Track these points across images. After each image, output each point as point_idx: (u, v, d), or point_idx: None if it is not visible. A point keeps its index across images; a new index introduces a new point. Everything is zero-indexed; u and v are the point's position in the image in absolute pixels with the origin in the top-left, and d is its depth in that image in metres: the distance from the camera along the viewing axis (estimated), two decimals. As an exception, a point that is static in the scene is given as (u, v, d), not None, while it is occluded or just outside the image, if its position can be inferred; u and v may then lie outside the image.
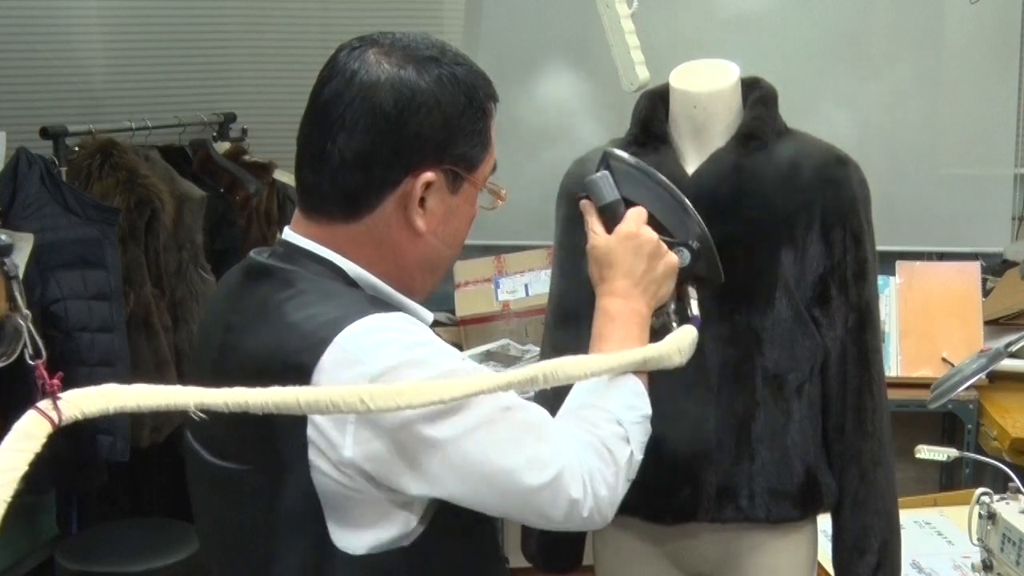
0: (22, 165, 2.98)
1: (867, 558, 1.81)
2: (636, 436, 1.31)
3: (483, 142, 1.27)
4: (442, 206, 1.25)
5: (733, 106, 1.80)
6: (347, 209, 1.23)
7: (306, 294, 1.20)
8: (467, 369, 1.20)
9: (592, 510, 1.23)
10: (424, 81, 1.21)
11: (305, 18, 3.93)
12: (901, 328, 3.24)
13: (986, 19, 3.74)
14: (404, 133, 1.20)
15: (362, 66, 1.21)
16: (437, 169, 1.23)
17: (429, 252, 1.28)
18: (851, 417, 1.80)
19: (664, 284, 1.45)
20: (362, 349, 1.14)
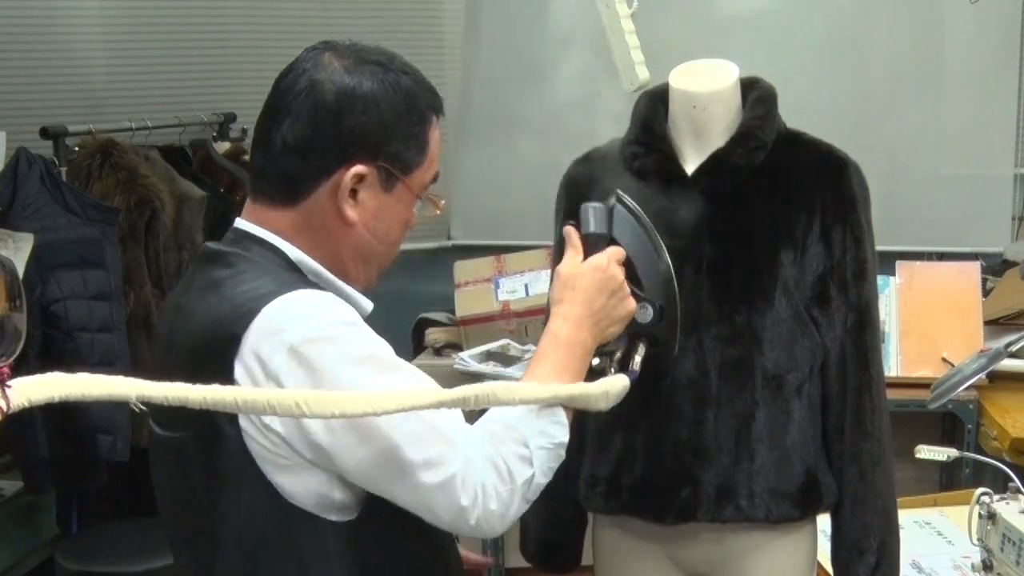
0: (22, 165, 2.98)
1: (866, 558, 1.81)
2: (542, 461, 1.32)
3: (419, 147, 1.35)
4: (374, 201, 1.34)
5: (733, 106, 1.81)
6: (286, 193, 1.33)
7: (244, 273, 1.29)
8: (387, 357, 1.26)
9: (480, 520, 1.27)
10: (367, 81, 1.31)
11: (305, 18, 3.93)
12: (901, 328, 3.24)
13: (986, 19, 3.74)
14: (341, 126, 1.30)
15: (315, 64, 1.32)
16: (371, 165, 1.32)
17: (361, 243, 1.35)
18: (850, 417, 1.80)
19: (615, 325, 1.46)
20: (286, 319, 1.22)
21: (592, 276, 1.45)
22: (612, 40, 2.16)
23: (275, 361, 1.21)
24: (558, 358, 1.40)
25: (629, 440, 1.81)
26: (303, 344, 1.21)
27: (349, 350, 1.23)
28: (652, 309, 1.47)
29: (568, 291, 1.45)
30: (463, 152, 4.13)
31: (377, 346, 1.27)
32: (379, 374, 1.24)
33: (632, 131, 1.85)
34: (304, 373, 1.21)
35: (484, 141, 4.08)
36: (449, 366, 3.29)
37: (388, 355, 1.27)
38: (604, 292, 1.44)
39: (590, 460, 1.87)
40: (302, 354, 1.21)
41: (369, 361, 1.24)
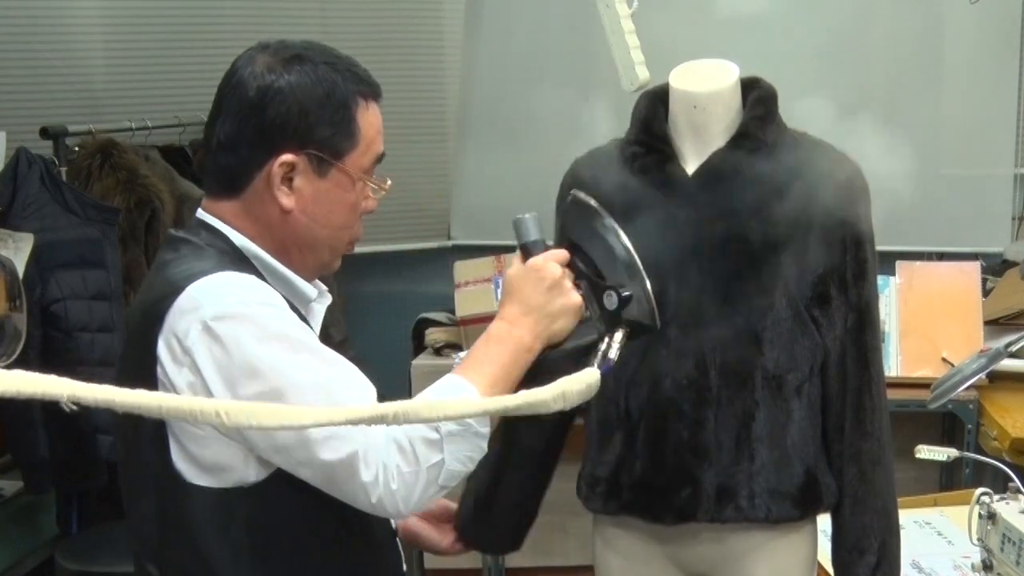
0: (22, 165, 2.98)
1: (866, 558, 1.81)
2: (454, 448, 1.34)
3: (347, 132, 1.40)
4: (310, 187, 1.40)
5: (733, 106, 1.81)
6: (227, 187, 1.41)
7: (185, 257, 1.37)
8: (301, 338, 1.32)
9: (382, 499, 1.31)
10: (285, 74, 1.38)
11: (305, 18, 3.93)
12: (901, 328, 3.24)
13: (986, 19, 3.74)
14: (264, 118, 1.37)
15: (244, 64, 1.41)
16: (298, 153, 1.38)
17: (300, 229, 1.41)
18: (850, 417, 1.80)
19: (560, 320, 1.46)
20: (205, 296, 1.30)
21: (526, 275, 1.48)
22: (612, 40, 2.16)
23: (190, 337, 1.28)
24: (490, 353, 1.42)
25: (629, 440, 1.81)
26: (215, 320, 1.28)
27: (261, 327, 1.29)
28: (616, 295, 1.46)
29: (506, 296, 1.49)
30: (463, 152, 4.13)
31: (293, 327, 1.32)
32: (291, 352, 1.29)
33: (632, 131, 1.85)
34: (217, 348, 1.27)
35: (484, 141, 4.08)
36: (449, 366, 3.27)
37: (304, 337, 1.33)
38: (539, 289, 1.46)
39: (590, 460, 1.87)
40: (213, 330, 1.28)
41: (281, 339, 1.30)
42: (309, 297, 1.46)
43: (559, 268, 1.49)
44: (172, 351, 1.30)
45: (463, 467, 1.36)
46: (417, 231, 4.26)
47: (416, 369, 3.43)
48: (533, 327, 1.45)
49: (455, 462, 1.35)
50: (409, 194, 4.21)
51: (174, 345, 1.29)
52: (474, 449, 1.37)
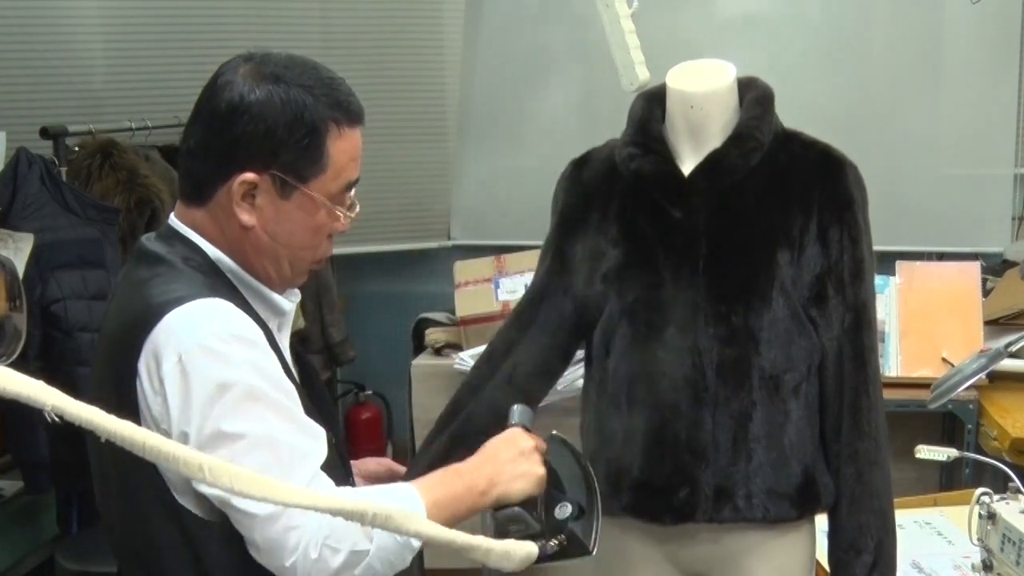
0: (22, 165, 2.98)
1: (863, 557, 1.80)
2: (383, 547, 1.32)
3: (313, 158, 1.38)
4: (271, 207, 1.39)
5: (730, 106, 1.81)
6: (194, 194, 1.41)
7: (160, 276, 1.36)
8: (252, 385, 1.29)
9: (296, 563, 1.28)
10: (257, 93, 1.36)
11: (305, 18, 3.93)
12: (901, 328, 3.24)
13: (986, 19, 3.74)
14: (229, 134, 1.36)
15: (224, 74, 1.39)
16: (261, 173, 1.37)
17: (262, 245, 1.41)
18: (847, 417, 1.80)
19: (520, 480, 1.46)
20: (182, 326, 1.30)
21: (502, 438, 1.50)
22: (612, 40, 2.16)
23: (165, 366, 1.28)
24: (441, 477, 1.43)
25: (628, 441, 1.81)
26: (187, 352, 1.28)
27: (220, 371, 1.28)
28: (570, 507, 1.49)
29: (479, 456, 1.48)
30: (463, 152, 4.13)
31: (251, 372, 1.30)
32: (248, 401, 1.29)
33: (629, 132, 1.85)
34: (183, 384, 1.28)
35: (484, 141, 4.08)
36: (449, 366, 3.29)
37: (257, 382, 1.30)
38: (510, 448, 1.47)
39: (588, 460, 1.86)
40: (184, 363, 1.28)
41: (232, 388, 1.28)
42: (284, 309, 1.46)
43: (532, 442, 1.50)
44: (150, 376, 1.30)
45: (383, 570, 1.34)
46: (417, 231, 4.26)
47: (416, 369, 3.43)
48: (492, 477, 1.44)
49: (379, 562, 1.33)
50: (409, 194, 4.21)
51: (152, 369, 1.30)
52: (400, 562, 1.36)
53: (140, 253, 1.43)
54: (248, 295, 1.42)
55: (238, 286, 1.41)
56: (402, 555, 1.35)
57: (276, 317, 1.46)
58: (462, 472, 1.44)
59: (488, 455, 1.48)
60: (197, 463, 1.04)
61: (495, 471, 1.45)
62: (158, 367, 1.29)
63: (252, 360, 1.31)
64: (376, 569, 1.33)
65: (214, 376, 1.28)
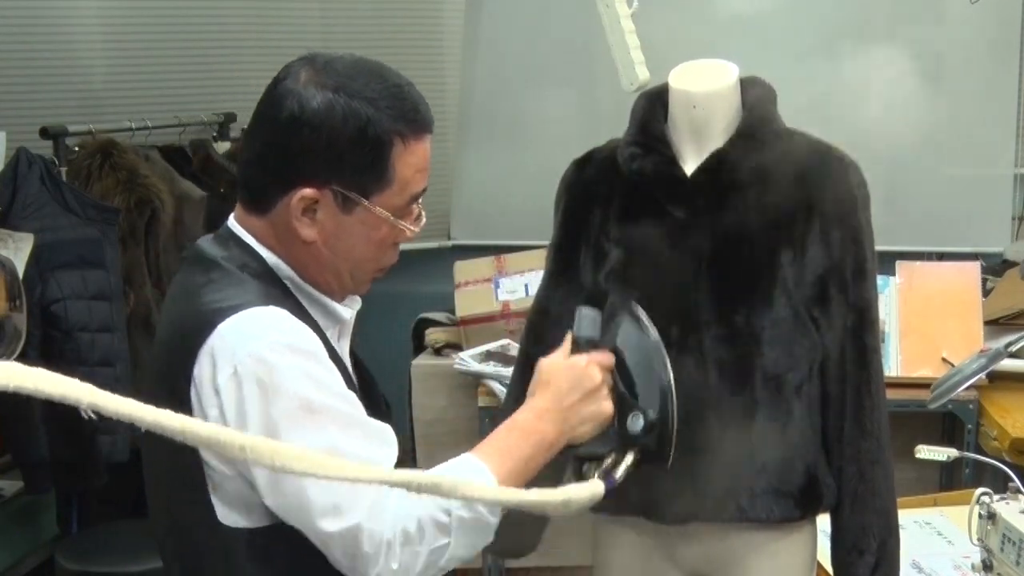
0: (22, 165, 2.98)
1: (866, 557, 1.81)
2: (462, 536, 1.30)
3: (377, 173, 1.32)
4: (332, 222, 1.34)
5: (732, 106, 1.80)
6: (254, 203, 1.36)
7: (215, 282, 1.32)
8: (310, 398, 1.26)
9: (380, 574, 1.27)
10: (318, 105, 1.30)
11: (305, 18, 3.93)
12: (901, 328, 3.24)
13: (986, 19, 3.74)
14: (289, 147, 1.31)
15: (285, 79, 1.33)
16: (322, 188, 1.31)
17: (323, 259, 1.36)
18: (850, 416, 1.80)
19: (586, 424, 1.43)
20: (237, 337, 1.26)
21: (566, 372, 1.43)
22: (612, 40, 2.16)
23: (220, 377, 1.25)
24: (509, 441, 1.38)
25: (629, 440, 1.81)
26: (241, 364, 1.24)
27: (284, 380, 1.25)
28: (644, 419, 1.43)
29: (541, 386, 1.44)
30: (463, 152, 4.13)
31: (307, 384, 1.27)
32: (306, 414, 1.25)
33: (631, 132, 1.85)
34: (236, 393, 1.25)
35: (484, 141, 4.08)
36: (449, 366, 3.28)
37: (312, 394, 1.27)
38: (577, 389, 1.42)
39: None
40: (239, 374, 1.25)
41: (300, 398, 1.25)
42: (343, 318, 1.42)
43: (600, 375, 1.44)
44: (206, 387, 1.27)
45: (467, 554, 1.33)
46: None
47: (416, 369, 3.43)
48: (560, 425, 1.40)
49: (460, 548, 1.31)
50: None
51: (207, 381, 1.26)
52: (482, 539, 1.34)
53: (196, 256, 1.39)
54: (306, 302, 1.38)
55: (296, 293, 1.37)
56: (482, 533, 1.33)
57: (335, 325, 1.42)
58: (527, 430, 1.39)
59: (554, 396, 1.41)
60: (237, 443, 1.04)
61: (562, 420, 1.40)
62: (213, 377, 1.26)
63: (307, 371, 1.27)
64: (460, 555, 1.32)
65: (268, 389, 1.24)
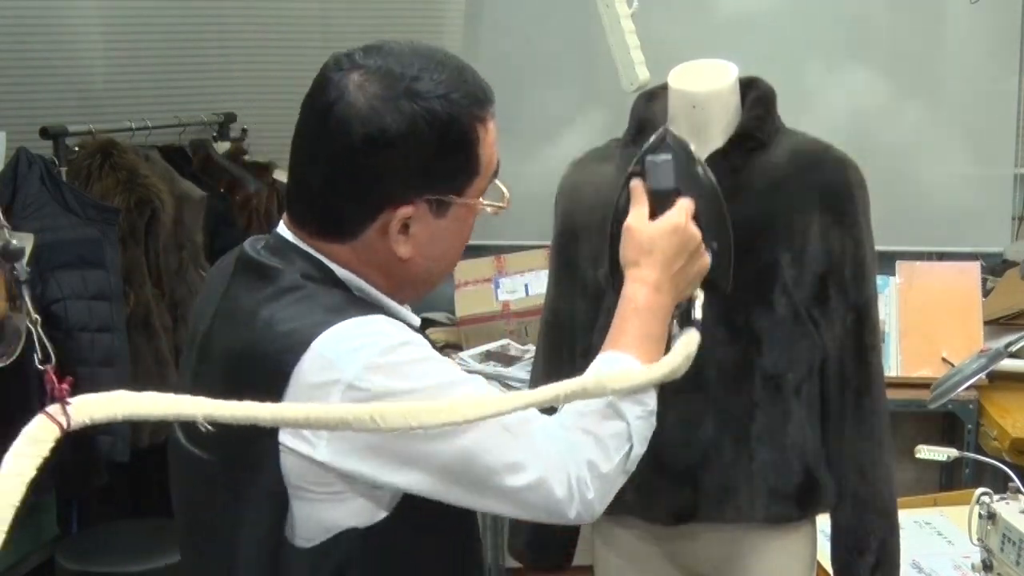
0: (22, 165, 2.98)
1: (866, 557, 1.81)
2: (639, 431, 1.29)
3: (467, 168, 1.26)
4: (427, 231, 1.25)
5: (731, 106, 1.80)
6: (332, 232, 1.25)
7: (288, 294, 1.21)
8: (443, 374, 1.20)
9: (579, 511, 1.24)
10: (397, 118, 1.19)
11: (305, 18, 3.93)
12: (901, 328, 3.24)
13: (986, 19, 3.74)
14: (371, 170, 1.20)
15: (340, 96, 1.20)
16: (416, 201, 1.23)
17: (419, 272, 1.29)
18: (850, 417, 1.80)
19: (692, 285, 1.40)
20: (338, 354, 1.15)
21: (671, 239, 1.37)
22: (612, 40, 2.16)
23: (332, 400, 1.15)
24: (641, 324, 1.33)
25: (629, 440, 1.81)
26: (357, 379, 1.14)
27: (401, 382, 1.16)
28: (712, 253, 1.41)
29: (646, 255, 1.37)
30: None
31: (431, 364, 1.20)
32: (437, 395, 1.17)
33: (630, 132, 1.85)
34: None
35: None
36: (449, 366, 3.28)
37: (444, 371, 1.21)
38: (683, 254, 1.37)
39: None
40: (359, 388, 1.14)
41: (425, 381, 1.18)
42: (414, 325, 1.32)
43: (698, 235, 1.38)
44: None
45: (643, 448, 1.30)
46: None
47: (416, 369, 3.42)
48: (673, 291, 1.36)
49: (640, 446, 1.29)
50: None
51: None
52: (650, 428, 1.32)
53: (248, 267, 1.28)
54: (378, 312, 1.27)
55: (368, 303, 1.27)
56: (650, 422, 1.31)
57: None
58: (652, 307, 1.34)
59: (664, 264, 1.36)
60: (367, 415, 1.02)
61: (674, 287, 1.37)
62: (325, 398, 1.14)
63: (422, 358, 1.20)
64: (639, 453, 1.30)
65: (396, 386, 1.15)
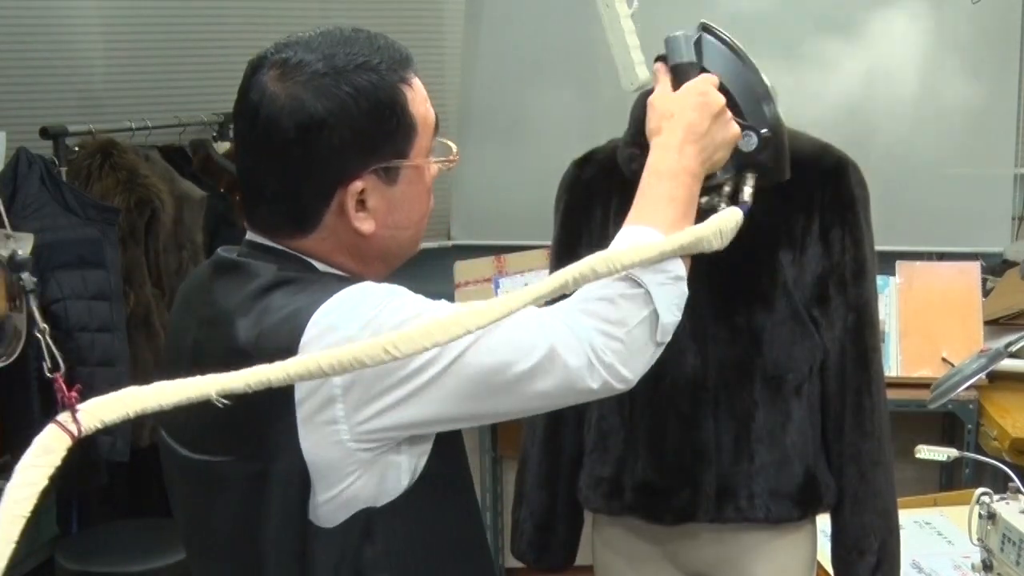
0: (22, 165, 2.98)
1: (866, 558, 1.81)
2: (663, 298, 1.25)
3: (405, 129, 1.26)
4: (384, 201, 1.26)
5: (732, 106, 1.80)
6: (294, 230, 1.27)
7: (277, 288, 1.22)
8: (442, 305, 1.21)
9: (604, 378, 1.22)
10: (317, 100, 1.21)
11: (305, 18, 3.92)
12: (901, 328, 3.24)
13: (986, 19, 3.74)
14: (312, 157, 1.22)
15: (262, 97, 1.23)
16: (365, 174, 1.24)
17: (387, 243, 1.29)
18: (850, 417, 1.80)
19: (721, 150, 1.37)
20: (338, 318, 1.16)
21: (690, 100, 1.36)
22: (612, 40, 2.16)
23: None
24: (663, 190, 1.30)
25: (630, 440, 1.81)
26: (364, 330, 1.15)
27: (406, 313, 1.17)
28: (756, 136, 1.39)
29: (666, 119, 1.36)
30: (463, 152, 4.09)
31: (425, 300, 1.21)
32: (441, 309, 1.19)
33: (629, 132, 1.85)
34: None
35: (484, 141, 4.07)
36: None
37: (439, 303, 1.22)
38: (706, 115, 1.36)
39: (591, 460, 1.87)
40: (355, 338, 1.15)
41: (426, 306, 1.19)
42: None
43: (721, 98, 1.37)
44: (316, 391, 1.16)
45: (674, 318, 1.27)
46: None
47: (416, 369, 3.42)
48: (699, 155, 1.33)
49: (668, 313, 1.25)
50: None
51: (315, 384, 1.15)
52: (680, 295, 1.28)
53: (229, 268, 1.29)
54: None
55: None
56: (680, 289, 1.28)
57: None
58: (674, 171, 1.32)
59: (684, 127, 1.34)
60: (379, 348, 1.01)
61: (700, 149, 1.34)
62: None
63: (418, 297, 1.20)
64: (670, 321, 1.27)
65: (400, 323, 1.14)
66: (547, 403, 1.24)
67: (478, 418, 1.23)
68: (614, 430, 1.82)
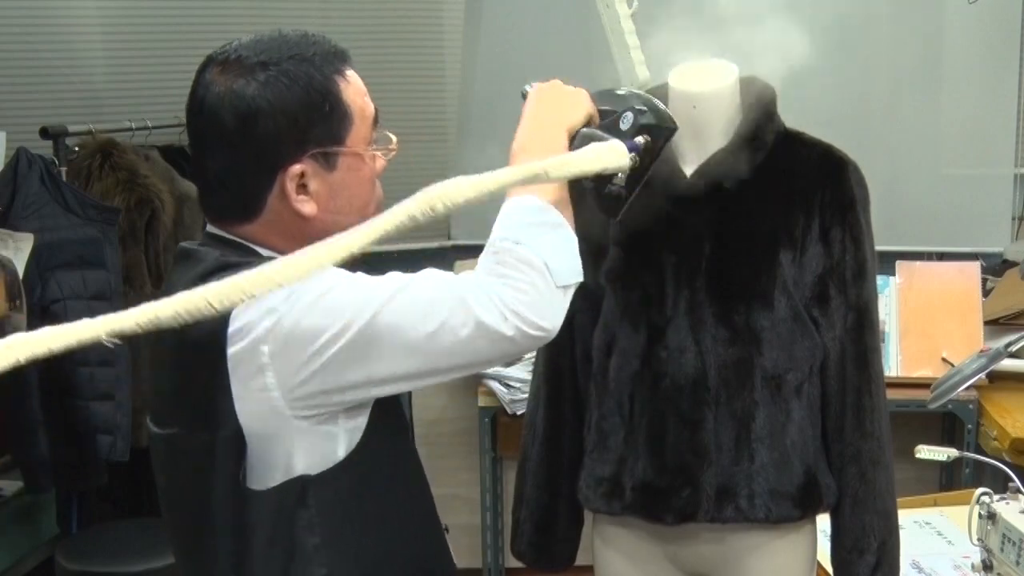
0: (22, 165, 2.98)
1: (866, 558, 1.81)
2: (544, 246, 1.32)
3: (340, 116, 1.35)
4: (324, 185, 1.35)
5: (732, 106, 1.81)
6: (239, 215, 1.36)
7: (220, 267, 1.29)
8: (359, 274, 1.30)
9: (518, 326, 1.27)
10: (254, 89, 1.31)
11: (305, 18, 3.92)
12: (901, 328, 3.24)
13: (986, 19, 3.74)
14: (252, 142, 1.31)
15: (206, 91, 1.33)
16: (302, 159, 1.33)
17: (329, 227, 1.31)
18: (850, 417, 1.80)
19: (576, 108, 1.51)
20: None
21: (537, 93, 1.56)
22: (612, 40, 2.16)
23: (262, 325, 1.25)
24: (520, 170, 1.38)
25: (630, 440, 1.81)
26: (283, 303, 1.24)
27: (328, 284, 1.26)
28: (632, 114, 1.49)
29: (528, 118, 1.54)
30: (463, 152, 4.12)
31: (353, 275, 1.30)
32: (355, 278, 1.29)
33: (630, 132, 1.85)
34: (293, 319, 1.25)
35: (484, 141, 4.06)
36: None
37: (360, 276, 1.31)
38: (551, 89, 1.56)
39: (591, 460, 1.87)
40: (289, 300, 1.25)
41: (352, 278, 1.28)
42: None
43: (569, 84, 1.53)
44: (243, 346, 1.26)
45: (567, 262, 1.33)
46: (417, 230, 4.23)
47: (416, 369, 3.43)
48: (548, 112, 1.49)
49: (555, 258, 1.31)
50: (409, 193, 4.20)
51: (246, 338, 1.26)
52: (568, 241, 1.35)
53: (183, 256, 1.39)
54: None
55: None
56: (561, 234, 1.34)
57: None
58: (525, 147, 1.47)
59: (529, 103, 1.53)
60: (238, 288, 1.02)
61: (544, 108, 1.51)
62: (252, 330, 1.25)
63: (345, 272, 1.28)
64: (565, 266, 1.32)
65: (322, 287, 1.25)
66: (471, 358, 1.30)
67: (408, 377, 1.29)
68: (614, 430, 1.82)
